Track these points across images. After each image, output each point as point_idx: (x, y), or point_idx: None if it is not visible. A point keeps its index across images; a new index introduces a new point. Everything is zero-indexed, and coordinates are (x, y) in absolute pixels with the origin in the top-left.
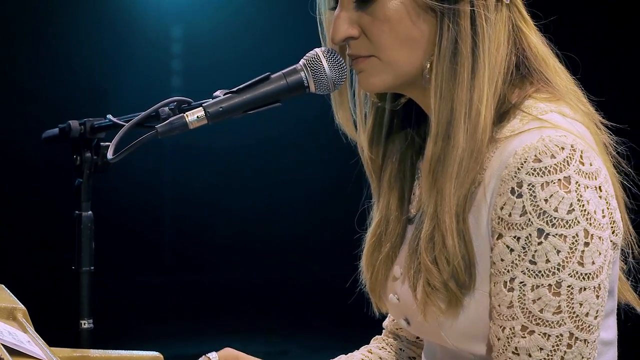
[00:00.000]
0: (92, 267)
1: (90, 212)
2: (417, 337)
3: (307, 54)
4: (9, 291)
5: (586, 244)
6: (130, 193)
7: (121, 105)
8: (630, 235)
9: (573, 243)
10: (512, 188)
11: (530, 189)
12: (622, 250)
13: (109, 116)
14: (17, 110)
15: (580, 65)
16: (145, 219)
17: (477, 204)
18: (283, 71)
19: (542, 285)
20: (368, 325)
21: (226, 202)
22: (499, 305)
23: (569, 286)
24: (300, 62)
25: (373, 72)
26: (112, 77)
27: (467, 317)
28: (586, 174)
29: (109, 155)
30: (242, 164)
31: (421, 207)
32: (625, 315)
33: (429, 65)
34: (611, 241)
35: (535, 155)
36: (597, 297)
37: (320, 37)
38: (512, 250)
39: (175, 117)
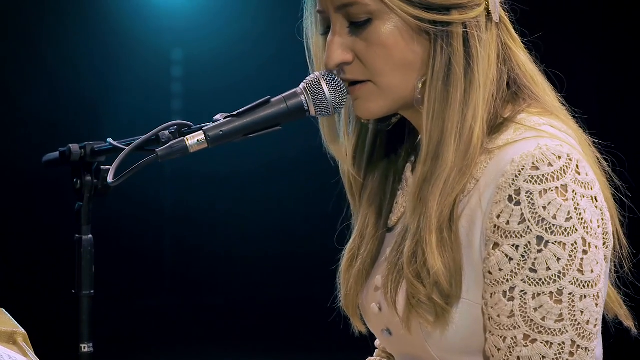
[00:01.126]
0: (92, 291)
1: (90, 236)
2: None
3: (307, 78)
4: (9, 315)
5: (584, 252)
6: (130, 216)
7: (121, 128)
8: (622, 249)
9: (572, 251)
10: (510, 195)
11: (528, 197)
12: (614, 263)
13: (110, 140)
14: (16, 134)
15: (565, 82)
16: (145, 242)
17: (470, 213)
18: (283, 95)
19: (544, 293)
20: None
21: (226, 225)
22: (499, 316)
23: (570, 294)
24: (301, 86)
25: (370, 99)
26: (112, 100)
27: (454, 328)
28: (582, 183)
29: (109, 178)
30: (243, 187)
31: (402, 217)
32: (606, 333)
33: (420, 85)
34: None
35: (533, 163)
36: (596, 305)
37: (308, 61)
38: (511, 259)
39: (175, 141)
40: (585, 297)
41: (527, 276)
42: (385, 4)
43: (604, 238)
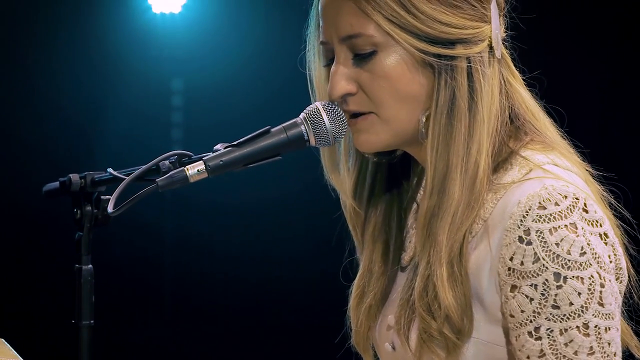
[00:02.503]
0: (92, 321)
1: (90, 266)
2: None
3: (307, 108)
4: (9, 345)
5: (602, 285)
6: (130, 246)
7: (121, 158)
8: (631, 279)
9: (590, 284)
10: (520, 236)
11: (539, 235)
12: (624, 294)
13: (110, 169)
14: (17, 164)
15: (566, 117)
16: (146, 273)
17: (479, 255)
18: (283, 125)
19: (571, 327)
20: None
21: (227, 254)
22: (528, 357)
23: (595, 326)
24: (301, 116)
25: (372, 131)
26: (112, 130)
27: None
28: (590, 221)
29: (110, 208)
30: (244, 216)
31: (415, 256)
32: None
33: (424, 119)
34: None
35: (540, 203)
36: (619, 336)
37: (310, 93)
38: (531, 299)
39: (175, 171)
40: (609, 328)
41: (551, 313)
42: (391, 37)
43: (617, 273)
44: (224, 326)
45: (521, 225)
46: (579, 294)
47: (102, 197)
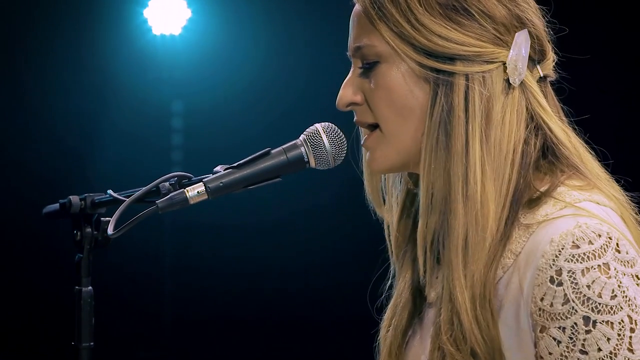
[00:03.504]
0: (92, 343)
1: (90, 288)
2: None
3: (307, 129)
4: None
5: (632, 330)
6: (130, 267)
7: (121, 179)
8: None
9: (620, 329)
10: (551, 277)
11: (570, 276)
12: None
13: (110, 191)
14: (16, 186)
15: (609, 156)
16: (145, 294)
17: (513, 294)
18: (283, 146)
19: None
20: None
21: (227, 277)
22: None
23: None
24: (300, 138)
25: (378, 149)
26: (112, 152)
27: None
28: (623, 261)
29: (110, 230)
30: (245, 239)
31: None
32: None
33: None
34: None
35: (573, 242)
36: None
37: None
38: (559, 342)
39: (175, 193)
40: None
41: (578, 358)
42: (391, 47)
43: None
44: (224, 349)
45: (553, 265)
46: (608, 339)
47: (102, 218)
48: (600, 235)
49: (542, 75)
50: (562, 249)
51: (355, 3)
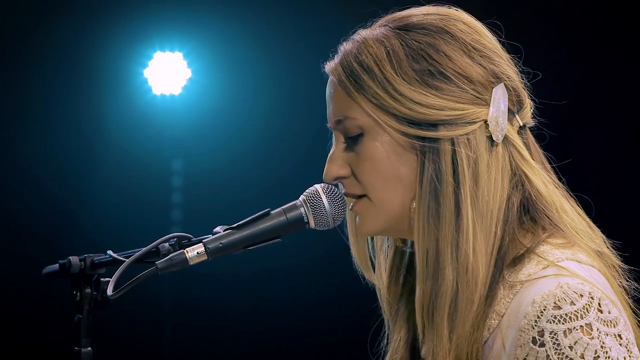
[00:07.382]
0: None
1: (89, 349)
2: None
3: (306, 190)
4: None
5: None
6: (129, 328)
7: (121, 240)
8: None
9: None
10: (534, 337)
11: (552, 337)
12: None
13: (109, 252)
14: (15, 246)
15: (593, 206)
16: (145, 354)
17: (496, 354)
18: (283, 207)
19: None
20: None
21: (227, 326)
22: None
23: None
24: (300, 198)
25: (366, 214)
26: (111, 212)
27: None
28: (605, 321)
29: (109, 291)
30: (244, 287)
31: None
32: None
33: (414, 205)
34: None
35: (555, 303)
36: None
37: None
38: None
39: (175, 253)
40: None
41: None
42: (373, 119)
43: None
44: None
45: (535, 325)
46: None
47: (101, 279)
48: (582, 295)
49: (521, 124)
50: (544, 309)
51: (329, 75)
